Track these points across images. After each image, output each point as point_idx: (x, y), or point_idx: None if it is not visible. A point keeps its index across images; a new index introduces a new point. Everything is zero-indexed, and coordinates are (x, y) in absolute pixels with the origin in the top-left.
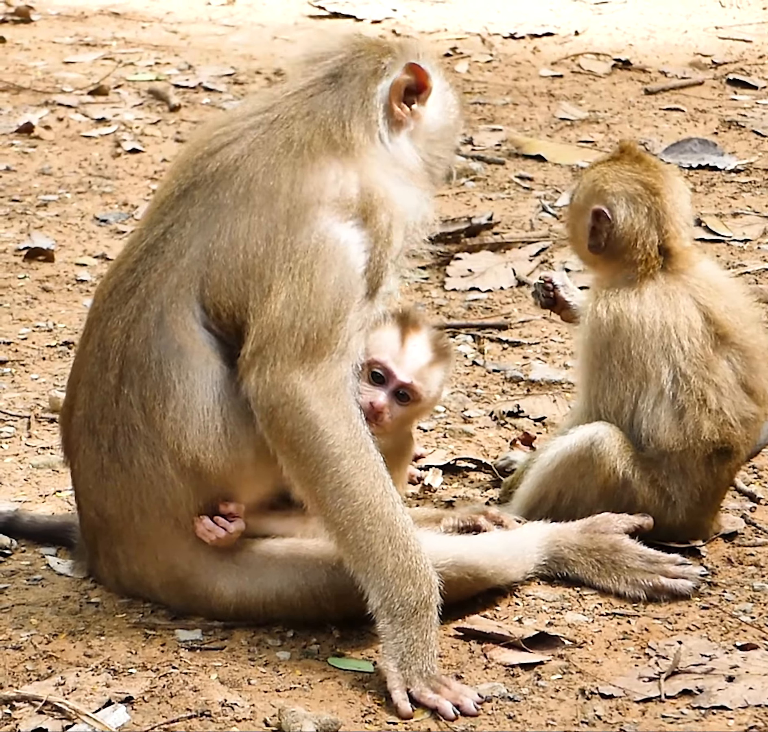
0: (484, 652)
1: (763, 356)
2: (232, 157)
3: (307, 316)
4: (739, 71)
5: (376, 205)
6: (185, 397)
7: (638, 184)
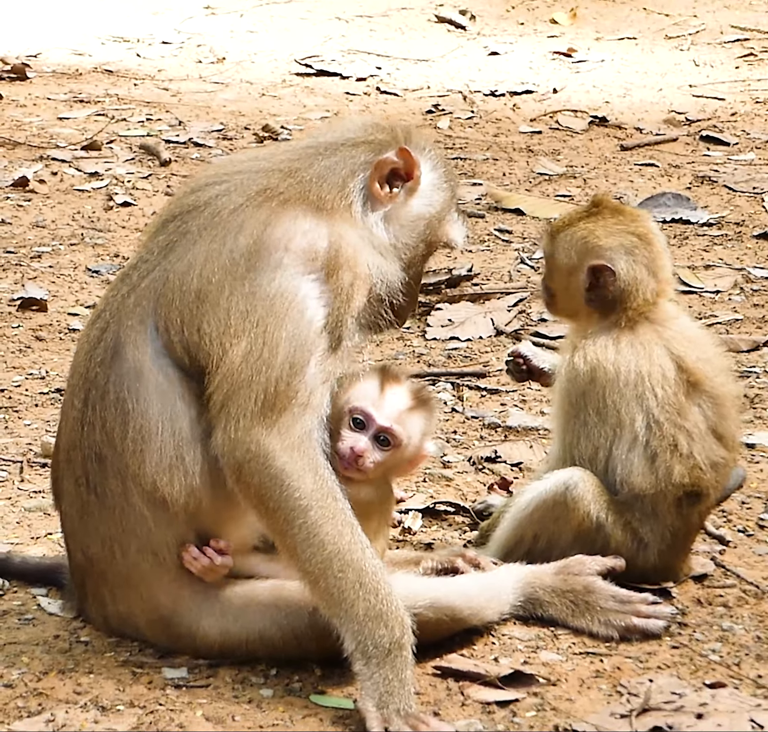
0: (461, 689)
1: (732, 403)
2: (209, 194)
3: (263, 371)
4: (712, 128)
5: (341, 262)
6: (142, 418)
7: (632, 237)
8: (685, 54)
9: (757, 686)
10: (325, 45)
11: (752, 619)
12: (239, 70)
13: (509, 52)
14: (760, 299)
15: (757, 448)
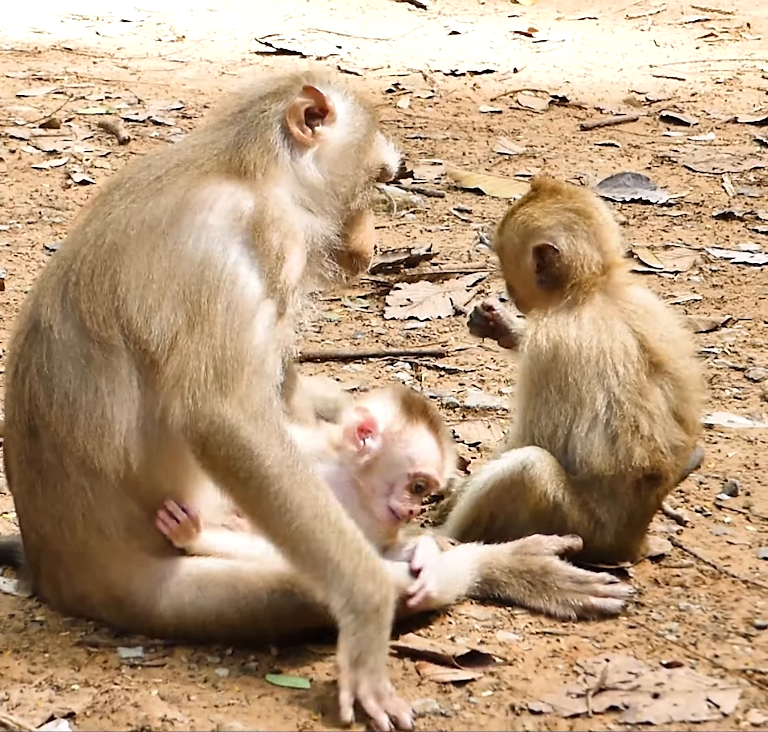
0: (418, 669)
1: (694, 387)
2: (132, 172)
3: (208, 343)
4: (672, 108)
5: (268, 222)
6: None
7: (570, 213)
8: (646, 34)
9: (714, 666)
10: (285, 24)
11: (709, 599)
12: (199, 49)
13: (470, 32)
14: (719, 280)
15: (715, 429)
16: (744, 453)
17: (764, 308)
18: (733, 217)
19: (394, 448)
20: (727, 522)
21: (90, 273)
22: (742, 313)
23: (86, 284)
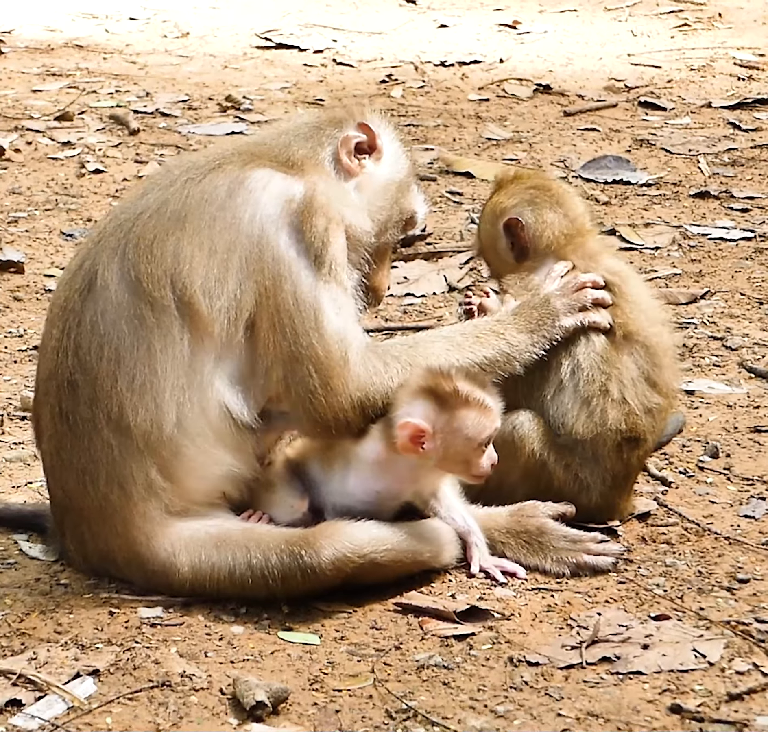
0: (421, 624)
1: (665, 353)
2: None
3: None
4: (650, 94)
5: (316, 207)
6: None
7: (531, 190)
8: (624, 25)
9: (699, 618)
10: (283, 19)
11: (693, 555)
12: (203, 44)
13: (457, 25)
14: (697, 255)
15: (696, 395)
16: (724, 417)
17: (740, 281)
18: (709, 195)
19: (452, 438)
20: (709, 482)
21: (152, 237)
22: (719, 286)
23: (147, 246)
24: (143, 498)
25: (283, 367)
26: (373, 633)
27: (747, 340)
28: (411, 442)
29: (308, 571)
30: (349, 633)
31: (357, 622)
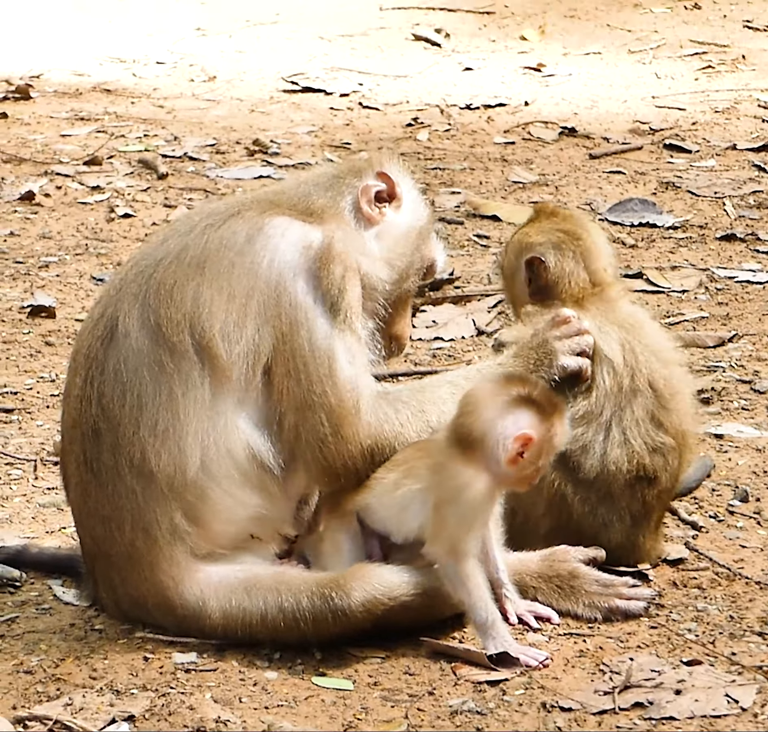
0: (454, 670)
1: (673, 395)
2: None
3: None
4: (675, 137)
5: (334, 255)
6: (140, 386)
7: (560, 233)
8: (648, 67)
9: (731, 663)
10: (309, 63)
11: (725, 600)
12: (230, 88)
13: (482, 68)
14: (724, 297)
15: (725, 439)
16: (753, 461)
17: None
18: (735, 238)
19: (546, 447)
20: (740, 526)
21: (172, 282)
22: (746, 329)
23: (167, 292)
24: (169, 542)
25: (295, 414)
26: (407, 678)
27: None
28: (518, 453)
29: (339, 614)
30: (383, 678)
31: (390, 668)
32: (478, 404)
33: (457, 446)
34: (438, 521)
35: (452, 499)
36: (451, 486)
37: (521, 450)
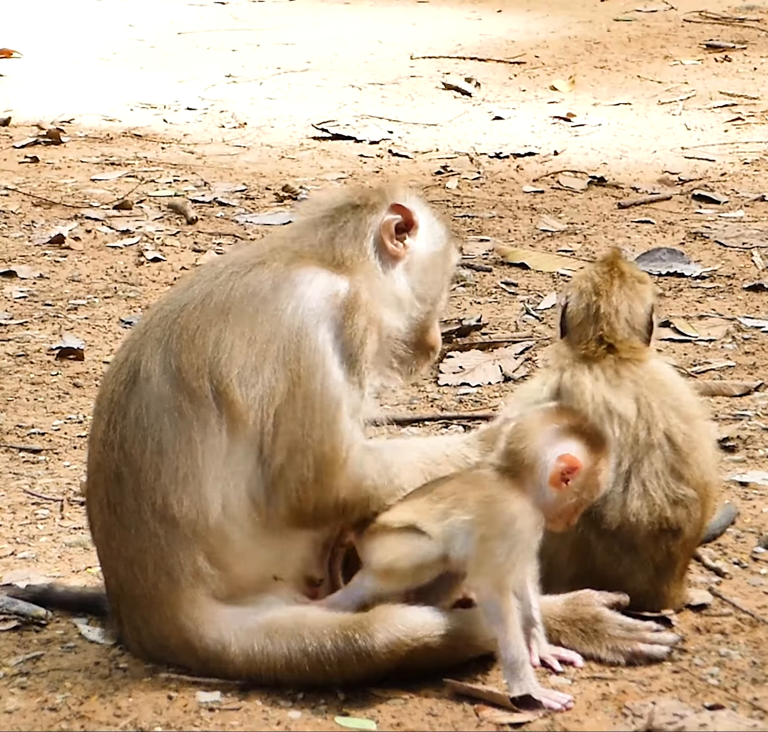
0: (477, 711)
1: (693, 449)
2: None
3: (308, 432)
4: (704, 187)
5: (360, 304)
6: (161, 432)
7: (588, 282)
8: (677, 118)
9: (754, 708)
10: (339, 110)
11: (748, 646)
12: (260, 134)
13: (512, 117)
14: (751, 347)
15: (750, 486)
16: None
17: None
18: (763, 288)
19: (589, 481)
20: (764, 573)
21: (195, 327)
22: None
23: (189, 337)
24: (191, 584)
25: (287, 454)
26: (429, 719)
27: None
28: (561, 476)
29: (363, 655)
30: (406, 719)
31: (413, 709)
32: (529, 432)
33: (506, 475)
34: (484, 554)
35: (501, 533)
36: (501, 519)
37: (566, 476)
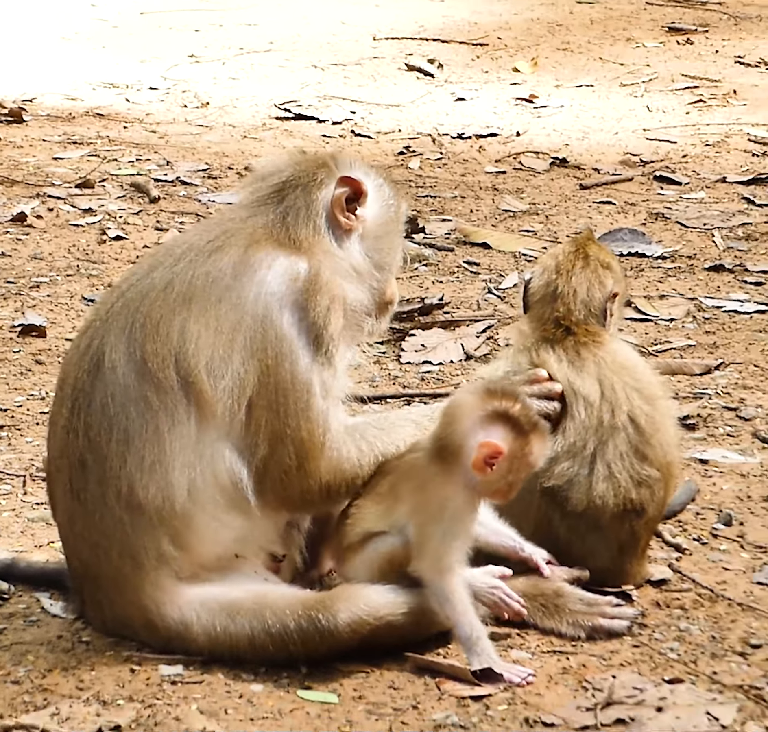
0: (438, 685)
1: (657, 430)
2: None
3: (284, 421)
4: (665, 169)
5: (321, 285)
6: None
7: (553, 261)
8: (639, 100)
9: (713, 682)
10: (302, 91)
11: (707, 621)
12: (222, 114)
13: (475, 98)
14: (711, 327)
15: (710, 464)
16: (737, 486)
17: (754, 353)
18: (723, 269)
19: (517, 463)
20: (723, 549)
21: (158, 317)
22: (733, 358)
23: (153, 327)
24: (155, 567)
25: (268, 445)
26: (391, 692)
27: (761, 410)
28: (484, 461)
29: (326, 634)
30: (367, 692)
31: (375, 682)
32: (455, 417)
33: (435, 459)
34: (422, 539)
35: (434, 516)
36: (433, 504)
37: (490, 461)
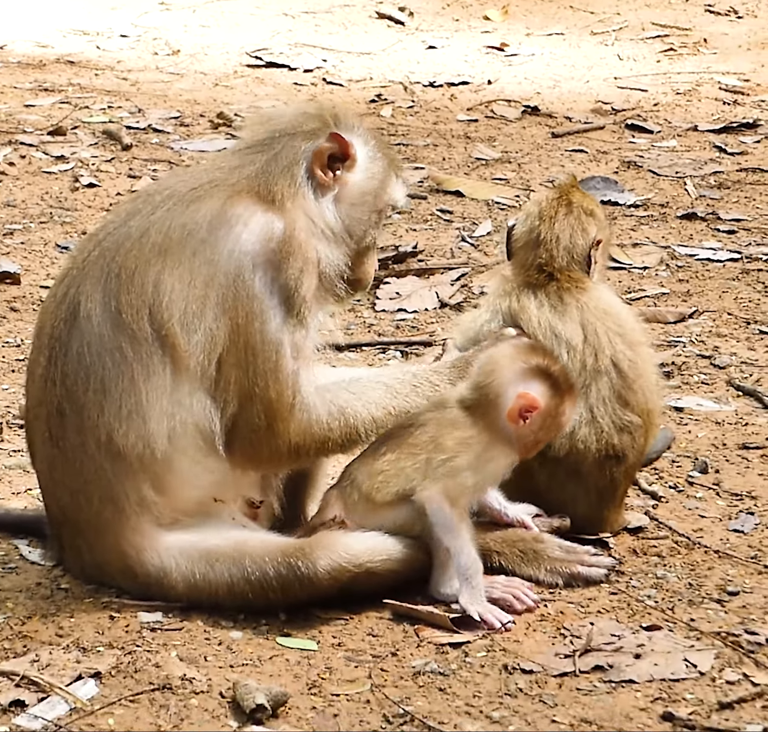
0: (417, 632)
1: (639, 375)
2: (165, 183)
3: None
4: (636, 117)
5: (294, 247)
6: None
7: (536, 207)
8: (610, 49)
9: (690, 629)
10: (273, 39)
11: (684, 568)
12: (193, 62)
13: (446, 47)
14: (685, 275)
15: (685, 412)
16: (712, 434)
17: (727, 301)
18: (696, 217)
19: (550, 421)
20: (699, 497)
21: (133, 267)
22: (707, 306)
23: (128, 277)
24: (135, 512)
25: (238, 403)
26: (370, 640)
27: (734, 358)
28: (519, 413)
29: (306, 582)
30: (347, 639)
31: (354, 629)
32: (497, 367)
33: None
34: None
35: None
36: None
37: (525, 414)
